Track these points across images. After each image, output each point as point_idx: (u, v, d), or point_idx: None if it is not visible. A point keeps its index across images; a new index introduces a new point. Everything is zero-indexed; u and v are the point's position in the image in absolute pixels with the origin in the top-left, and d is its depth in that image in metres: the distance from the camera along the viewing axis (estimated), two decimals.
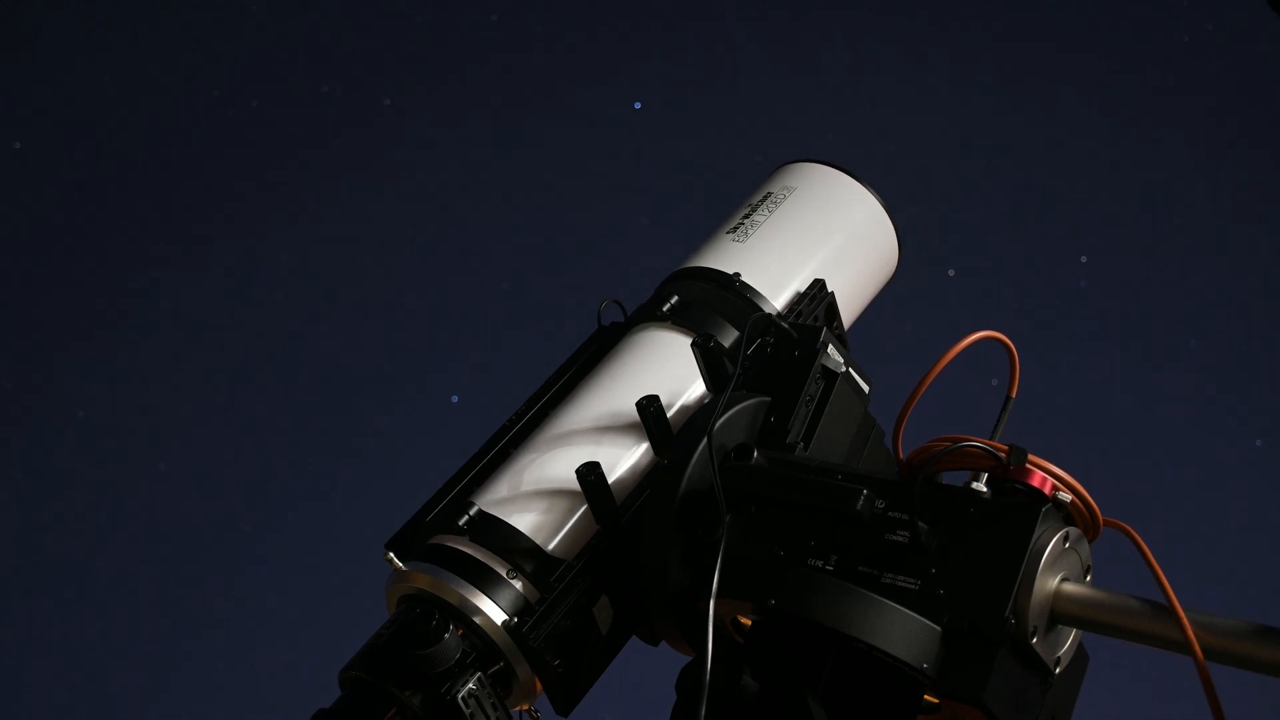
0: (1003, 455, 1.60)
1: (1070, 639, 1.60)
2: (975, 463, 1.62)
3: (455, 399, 4.54)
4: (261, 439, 4.46)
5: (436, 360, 4.59)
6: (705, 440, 1.71)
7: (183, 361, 4.44)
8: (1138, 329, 4.68)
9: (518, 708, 1.76)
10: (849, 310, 2.15)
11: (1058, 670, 1.58)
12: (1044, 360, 4.50)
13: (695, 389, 1.93)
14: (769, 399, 1.80)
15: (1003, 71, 4.94)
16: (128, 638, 4.24)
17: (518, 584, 1.73)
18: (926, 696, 1.60)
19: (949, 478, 1.71)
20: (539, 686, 1.75)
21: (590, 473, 1.75)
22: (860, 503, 1.59)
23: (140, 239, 4.57)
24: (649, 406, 1.81)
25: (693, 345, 1.86)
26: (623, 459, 1.86)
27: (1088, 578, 1.61)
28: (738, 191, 2.28)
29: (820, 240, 2.14)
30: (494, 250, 4.69)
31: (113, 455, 4.39)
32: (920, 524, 1.57)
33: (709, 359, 1.84)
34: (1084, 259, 4.85)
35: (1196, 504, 4.46)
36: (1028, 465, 1.59)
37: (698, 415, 1.79)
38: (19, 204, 4.61)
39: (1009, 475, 1.59)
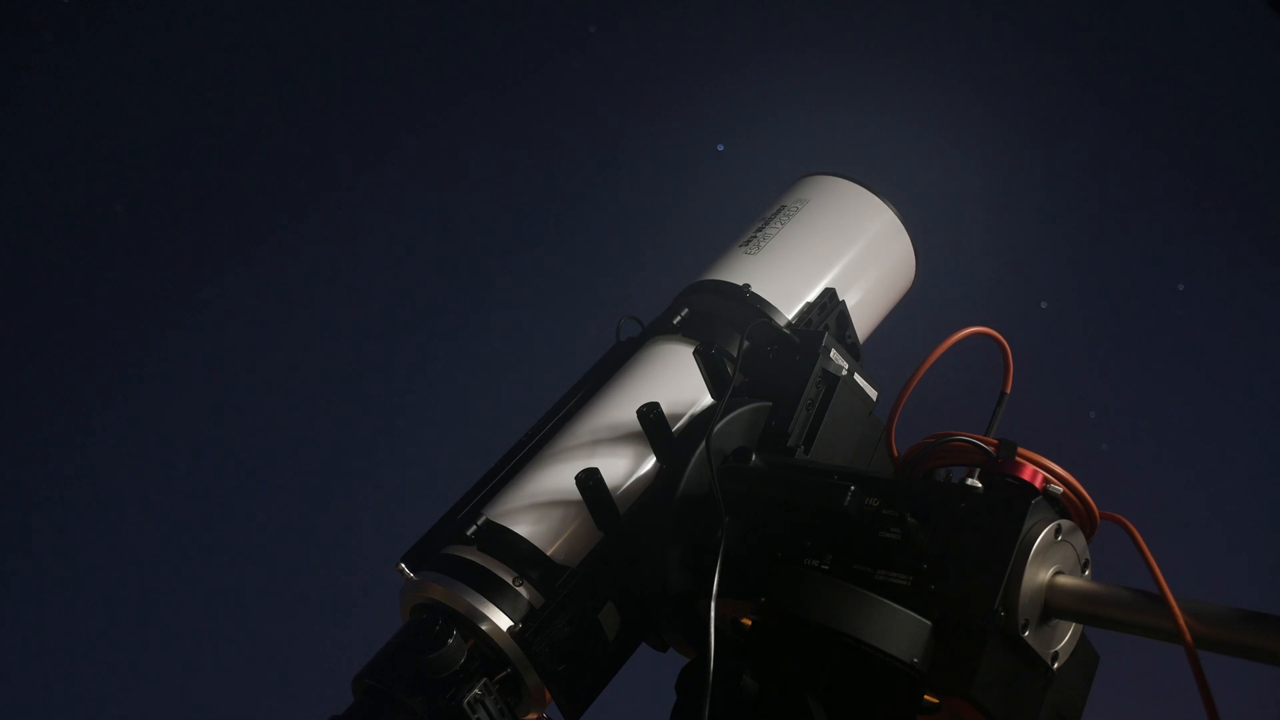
0: (992, 450, 1.59)
1: (1069, 634, 1.58)
2: (965, 458, 1.62)
3: None
4: (284, 452, 4.57)
5: (477, 381, 4.64)
6: (704, 444, 1.73)
7: (215, 380, 4.56)
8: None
9: (528, 716, 1.78)
10: (864, 322, 2.15)
11: (1056, 665, 1.56)
12: (1056, 362, 4.45)
13: (701, 397, 1.94)
14: (769, 404, 1.81)
15: (1097, 100, 4.90)
16: (146, 643, 4.34)
17: (524, 591, 1.75)
18: (927, 696, 1.59)
19: (954, 476, 1.70)
20: (548, 695, 1.76)
21: (589, 479, 1.76)
22: (848, 499, 1.59)
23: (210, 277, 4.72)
24: (649, 414, 1.82)
25: (695, 352, 1.88)
26: (625, 466, 1.87)
27: (1085, 572, 1.59)
28: None
29: (832, 252, 2.14)
30: (550, 277, 4.76)
31: (142, 473, 4.50)
32: (911, 520, 1.57)
33: (711, 365, 1.86)
34: (1181, 287, 4.81)
35: (1204, 503, 4.38)
36: (1018, 458, 1.58)
37: (697, 420, 1.81)
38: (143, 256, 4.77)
39: (1000, 469, 1.58)
